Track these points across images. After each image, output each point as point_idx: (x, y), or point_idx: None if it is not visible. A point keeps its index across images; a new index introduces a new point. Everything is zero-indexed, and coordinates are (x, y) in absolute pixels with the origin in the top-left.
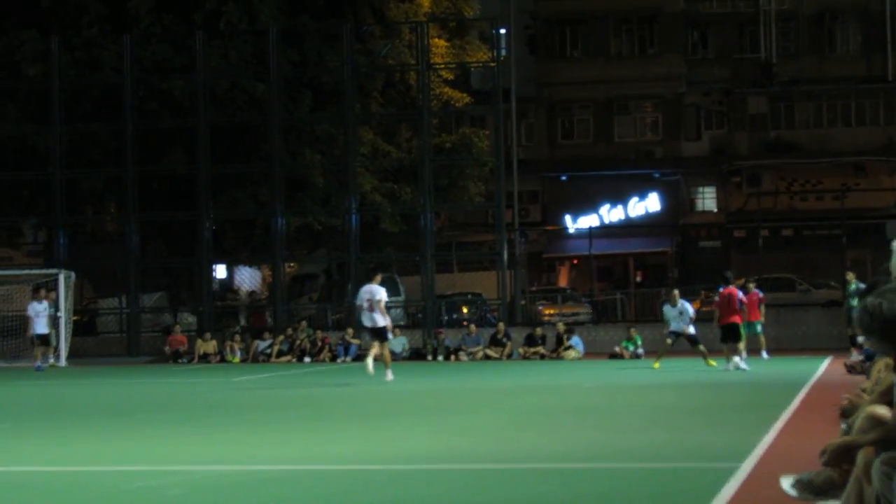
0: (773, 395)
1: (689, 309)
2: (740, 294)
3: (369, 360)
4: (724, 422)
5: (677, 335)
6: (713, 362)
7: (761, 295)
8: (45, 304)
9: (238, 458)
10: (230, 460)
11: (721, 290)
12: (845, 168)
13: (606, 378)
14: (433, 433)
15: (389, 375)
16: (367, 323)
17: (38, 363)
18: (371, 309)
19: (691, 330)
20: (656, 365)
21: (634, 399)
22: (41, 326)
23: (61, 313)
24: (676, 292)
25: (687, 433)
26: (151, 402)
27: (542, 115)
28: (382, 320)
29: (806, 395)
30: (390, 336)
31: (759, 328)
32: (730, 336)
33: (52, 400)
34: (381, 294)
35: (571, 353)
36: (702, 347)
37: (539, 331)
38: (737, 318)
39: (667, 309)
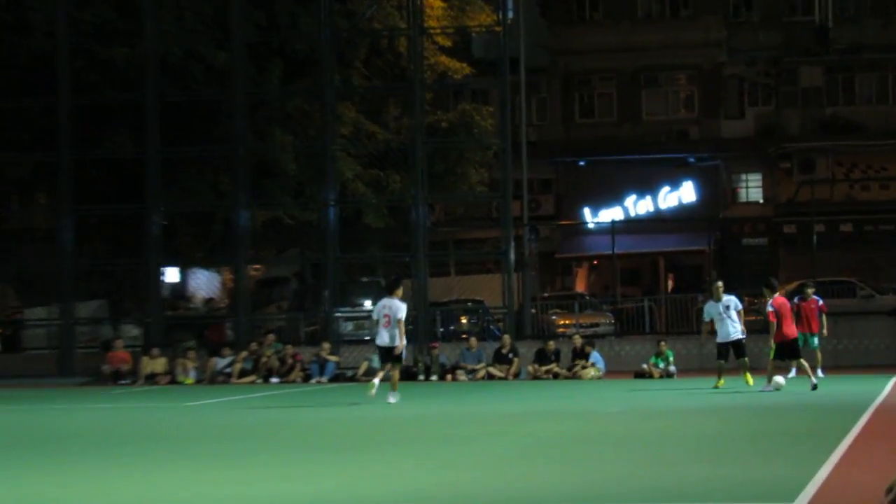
0: (830, 421)
1: (738, 303)
2: (794, 301)
3: (376, 381)
4: (772, 453)
5: (728, 346)
6: (751, 380)
7: (821, 302)
8: None
9: (191, 500)
10: (181, 502)
11: (773, 299)
12: None
13: (632, 401)
14: (426, 467)
15: (393, 398)
16: (379, 341)
17: None
18: (388, 325)
19: (740, 332)
20: (721, 383)
21: (666, 426)
22: None
23: None
24: (720, 284)
25: (729, 467)
26: (87, 432)
27: (557, 89)
28: (399, 340)
29: (868, 420)
30: (403, 357)
31: (816, 342)
32: (789, 353)
33: None
34: (402, 311)
35: (590, 372)
36: (745, 360)
37: (552, 345)
38: (795, 332)
39: (709, 307)
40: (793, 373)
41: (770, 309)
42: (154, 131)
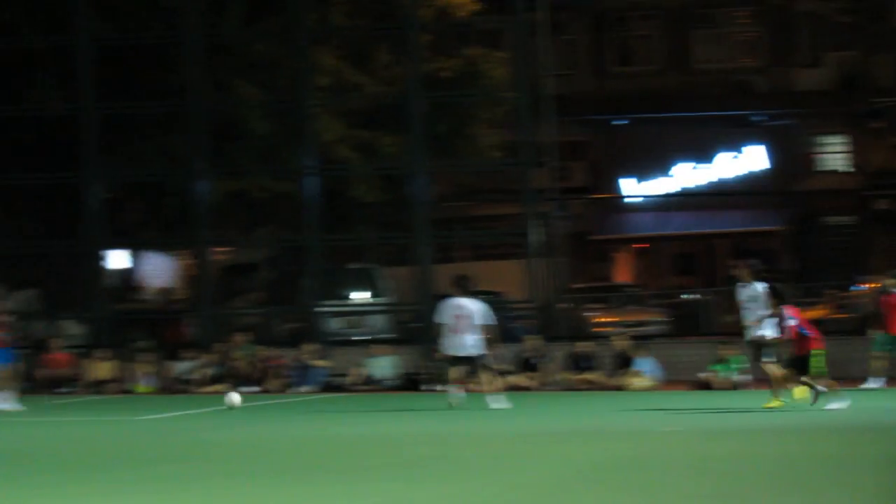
0: None
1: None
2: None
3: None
4: (866, 483)
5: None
6: (777, 402)
7: None
8: None
9: None
10: None
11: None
12: None
13: (692, 418)
14: (439, 500)
15: (499, 402)
16: (452, 350)
17: None
18: (457, 330)
19: (767, 331)
20: (774, 403)
21: (734, 449)
22: None
23: None
24: (749, 264)
25: (812, 499)
26: (16, 452)
27: (588, 31)
28: (478, 346)
29: None
30: (489, 361)
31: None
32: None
33: None
34: (483, 313)
35: (638, 381)
36: (774, 369)
37: (588, 348)
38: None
39: (740, 290)
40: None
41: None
42: (88, 83)
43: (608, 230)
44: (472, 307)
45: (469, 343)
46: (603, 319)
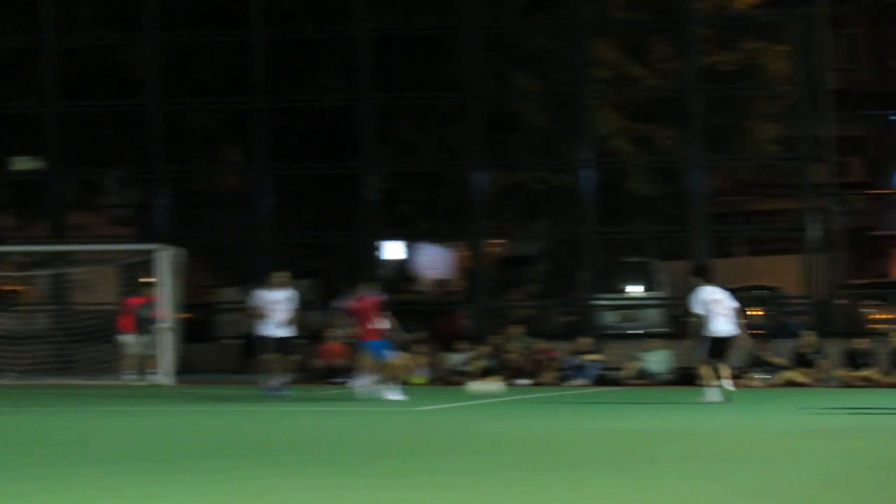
0: None
1: None
2: None
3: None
4: None
5: None
6: None
7: None
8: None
9: None
10: None
11: None
12: None
13: None
14: (717, 495)
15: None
16: (711, 332)
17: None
18: (717, 313)
19: None
20: None
21: None
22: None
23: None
24: None
25: None
26: (295, 442)
27: (869, 25)
28: (734, 328)
29: None
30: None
31: None
32: None
33: (141, 435)
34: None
35: None
36: None
37: (866, 345)
38: None
39: None
40: None
41: None
42: (366, 74)
43: (888, 226)
44: (722, 292)
45: (727, 326)
46: (880, 316)
